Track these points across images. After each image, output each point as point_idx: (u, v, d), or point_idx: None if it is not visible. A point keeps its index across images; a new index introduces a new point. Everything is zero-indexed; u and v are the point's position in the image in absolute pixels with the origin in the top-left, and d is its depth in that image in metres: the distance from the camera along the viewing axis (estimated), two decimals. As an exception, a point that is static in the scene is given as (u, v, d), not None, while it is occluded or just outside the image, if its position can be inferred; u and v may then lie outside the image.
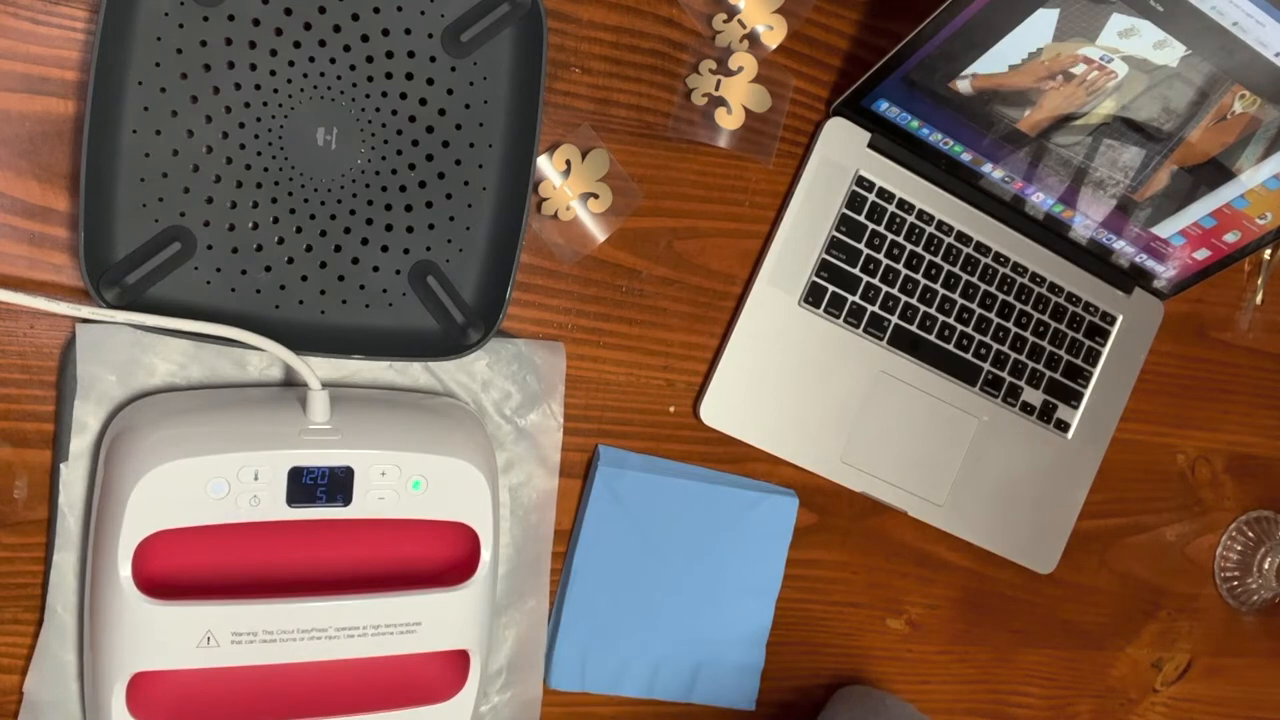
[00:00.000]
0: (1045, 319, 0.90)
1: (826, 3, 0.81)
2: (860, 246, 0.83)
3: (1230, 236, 0.88)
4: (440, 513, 0.68)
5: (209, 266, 0.67)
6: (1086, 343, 0.92)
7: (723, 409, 0.81)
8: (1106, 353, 0.93)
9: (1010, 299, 0.88)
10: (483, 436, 0.72)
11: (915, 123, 0.81)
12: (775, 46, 0.80)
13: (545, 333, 0.78)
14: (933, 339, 0.86)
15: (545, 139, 0.76)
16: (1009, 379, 0.89)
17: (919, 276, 0.85)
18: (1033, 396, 0.90)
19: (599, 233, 0.78)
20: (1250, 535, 1.03)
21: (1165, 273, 0.92)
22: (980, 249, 0.87)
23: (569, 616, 0.80)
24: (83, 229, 0.63)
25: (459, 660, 0.72)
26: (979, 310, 0.87)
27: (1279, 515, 1.04)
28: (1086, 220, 0.87)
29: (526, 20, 0.70)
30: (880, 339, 0.85)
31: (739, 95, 0.79)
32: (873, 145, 0.83)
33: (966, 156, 0.83)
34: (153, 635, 0.63)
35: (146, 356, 0.68)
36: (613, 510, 0.79)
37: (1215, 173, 0.83)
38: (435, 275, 0.71)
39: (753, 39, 0.79)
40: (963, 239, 0.86)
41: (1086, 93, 0.77)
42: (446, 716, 0.71)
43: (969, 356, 0.87)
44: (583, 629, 0.80)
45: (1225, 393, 1.01)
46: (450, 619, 0.70)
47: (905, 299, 0.85)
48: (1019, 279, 0.88)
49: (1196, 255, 0.90)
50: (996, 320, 0.88)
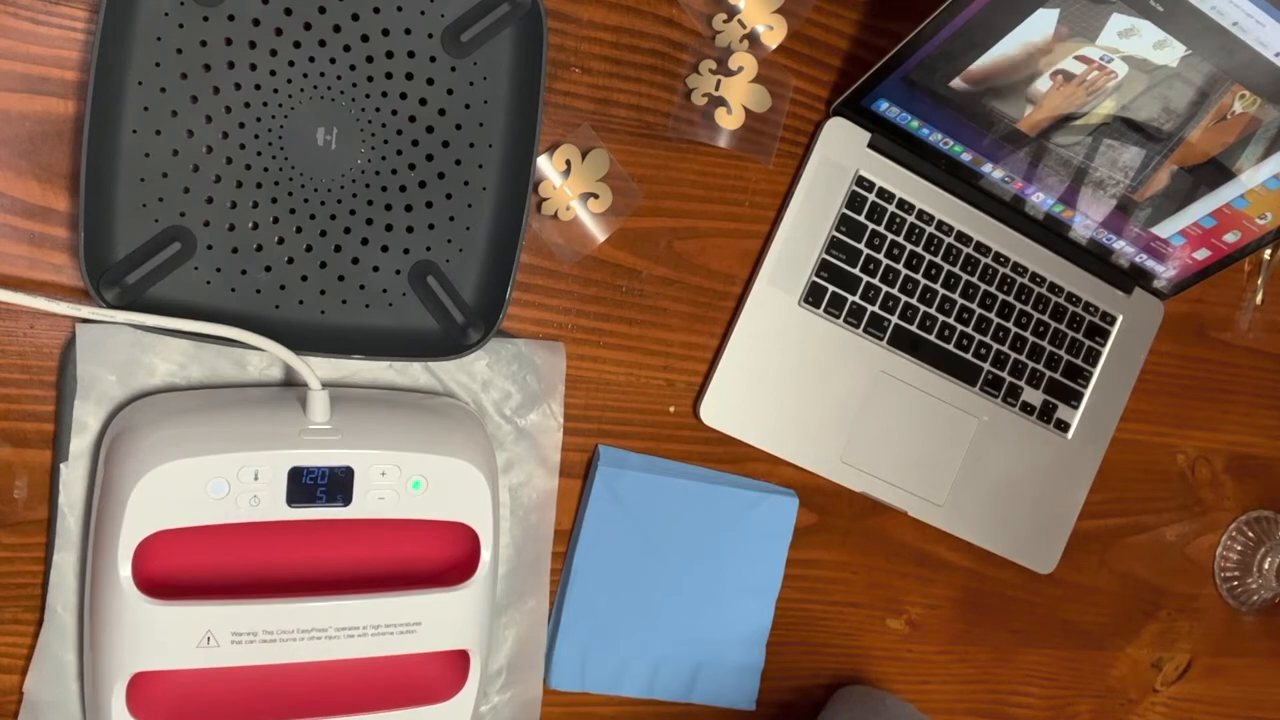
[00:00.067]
0: (1045, 319, 0.90)
1: (826, 3, 0.81)
2: (860, 246, 0.83)
3: (1230, 236, 0.88)
4: (440, 513, 0.68)
5: (209, 266, 0.67)
6: (1086, 343, 0.92)
7: (723, 409, 0.81)
8: (1106, 353, 0.93)
9: (1010, 299, 0.88)
10: (483, 436, 0.72)
11: (915, 123, 0.81)
12: (775, 46, 0.80)
13: (545, 333, 0.78)
14: (933, 339, 0.86)
15: (545, 139, 0.76)
16: (1009, 379, 0.89)
17: (919, 276, 0.85)
18: (1033, 396, 0.90)
19: (599, 233, 0.78)
20: (1250, 535, 1.03)
21: (1165, 273, 0.92)
22: (980, 249, 0.87)
23: (569, 616, 0.80)
24: (83, 229, 0.63)
25: (459, 660, 0.72)
26: (979, 310, 0.87)
27: (1279, 515, 1.04)
28: (1086, 220, 0.87)
29: (526, 20, 0.70)
30: (880, 339, 0.85)
31: (739, 95, 0.79)
32: (873, 145, 0.83)
33: (966, 156, 0.83)
34: (153, 635, 0.63)
35: (146, 356, 0.68)
36: (613, 510, 0.79)
37: (1215, 173, 0.83)
38: (435, 275, 0.71)
39: (753, 39, 0.79)
40: (963, 239, 0.86)
41: (1086, 93, 0.77)
42: (446, 716, 0.71)
43: (969, 356, 0.87)
44: (583, 629, 0.80)
45: (1225, 393, 1.01)
46: (450, 619, 0.70)
47: (905, 299, 0.85)
48: (1019, 279, 0.88)
49: (1196, 255, 0.90)
50: (996, 320, 0.88)
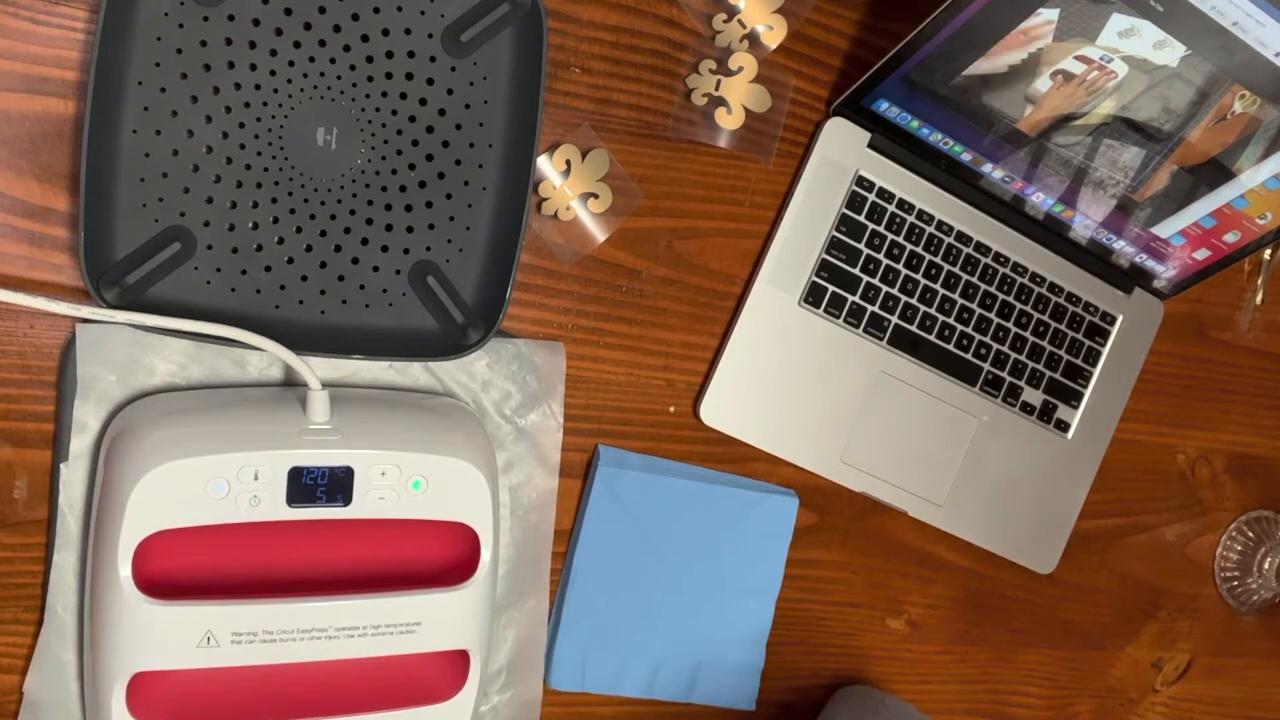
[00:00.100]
0: (1045, 319, 0.90)
1: (826, 3, 0.81)
2: (860, 246, 0.83)
3: (1230, 236, 0.88)
4: (440, 513, 0.68)
5: (209, 266, 0.67)
6: (1086, 343, 0.92)
7: (723, 409, 0.81)
8: (1106, 353, 0.93)
9: (1010, 299, 0.88)
10: (483, 436, 0.72)
11: (915, 123, 0.81)
12: (775, 46, 0.80)
13: (545, 333, 0.78)
14: (933, 339, 0.86)
15: (545, 139, 0.76)
16: (1009, 379, 0.89)
17: (919, 276, 0.85)
18: (1033, 396, 0.90)
19: (599, 233, 0.78)
20: (1250, 535, 1.03)
21: (1165, 273, 0.92)
22: (980, 249, 0.87)
23: (569, 616, 0.80)
24: (83, 229, 0.63)
25: (459, 660, 0.71)
26: (979, 310, 0.87)
27: (1279, 515, 1.04)
28: (1086, 220, 0.87)
29: (526, 20, 0.70)
30: (880, 339, 0.85)
31: (739, 95, 0.79)
32: (873, 145, 0.83)
33: (966, 156, 0.83)
34: (153, 635, 0.63)
35: (146, 356, 0.68)
36: (613, 510, 0.79)
37: (1215, 173, 0.83)
38: (435, 275, 0.71)
39: (753, 39, 0.79)
40: (963, 239, 0.86)
41: (1086, 93, 0.77)
42: (446, 716, 0.71)
43: (969, 356, 0.87)
44: (583, 629, 0.80)
45: (1225, 393, 1.01)
46: (450, 619, 0.70)
47: (905, 299, 0.85)
48: (1019, 279, 0.88)
49: (1196, 255, 0.90)
50: (996, 320, 0.88)
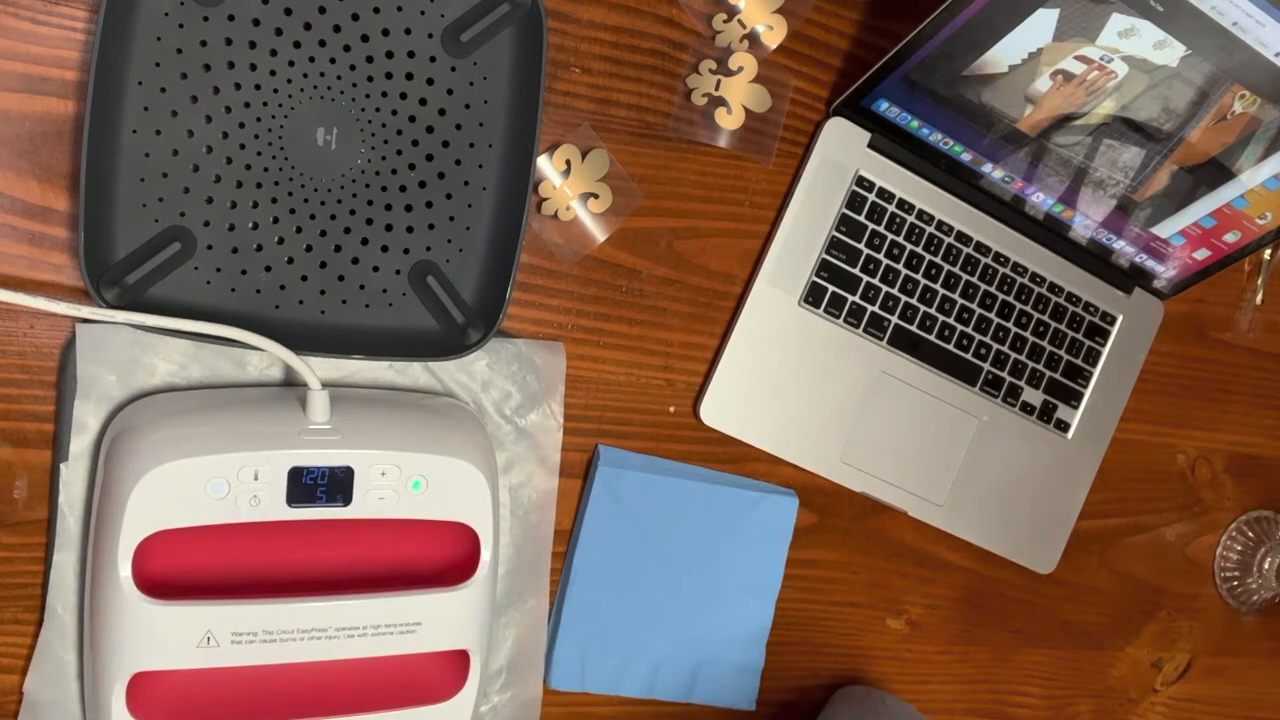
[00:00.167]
0: (1045, 319, 0.90)
1: (826, 3, 0.81)
2: (860, 246, 0.83)
3: (1230, 236, 0.88)
4: (440, 513, 0.68)
5: (209, 266, 0.67)
6: (1086, 343, 0.92)
7: (723, 409, 0.81)
8: (1106, 353, 0.93)
9: (1010, 299, 0.88)
10: (483, 436, 0.72)
11: (915, 123, 0.81)
12: (775, 46, 0.80)
13: (545, 333, 0.78)
14: (933, 339, 0.86)
15: (545, 139, 0.76)
16: (1009, 379, 0.89)
17: (919, 276, 0.85)
18: (1033, 396, 0.90)
19: (599, 233, 0.78)
20: (1250, 535, 1.03)
21: (1165, 273, 0.92)
22: (980, 249, 0.87)
23: (569, 616, 0.80)
24: (83, 229, 0.63)
25: (459, 660, 0.71)
26: (979, 310, 0.87)
27: (1279, 515, 1.04)
28: (1086, 220, 0.87)
29: (526, 20, 0.70)
30: (880, 339, 0.85)
31: (739, 95, 0.79)
32: (873, 145, 0.83)
33: (966, 156, 0.83)
34: (153, 635, 0.63)
35: (146, 356, 0.68)
36: (613, 510, 0.79)
37: (1215, 173, 0.83)
38: (435, 275, 0.71)
39: (753, 39, 0.79)
40: (963, 239, 0.86)
41: (1086, 93, 0.77)
42: (446, 716, 0.71)
43: (969, 356, 0.87)
44: (583, 629, 0.80)
45: (1225, 393, 1.01)
46: (450, 619, 0.70)
47: (905, 299, 0.85)
48: (1019, 279, 0.88)
49: (1196, 255, 0.90)
50: (996, 320, 0.88)
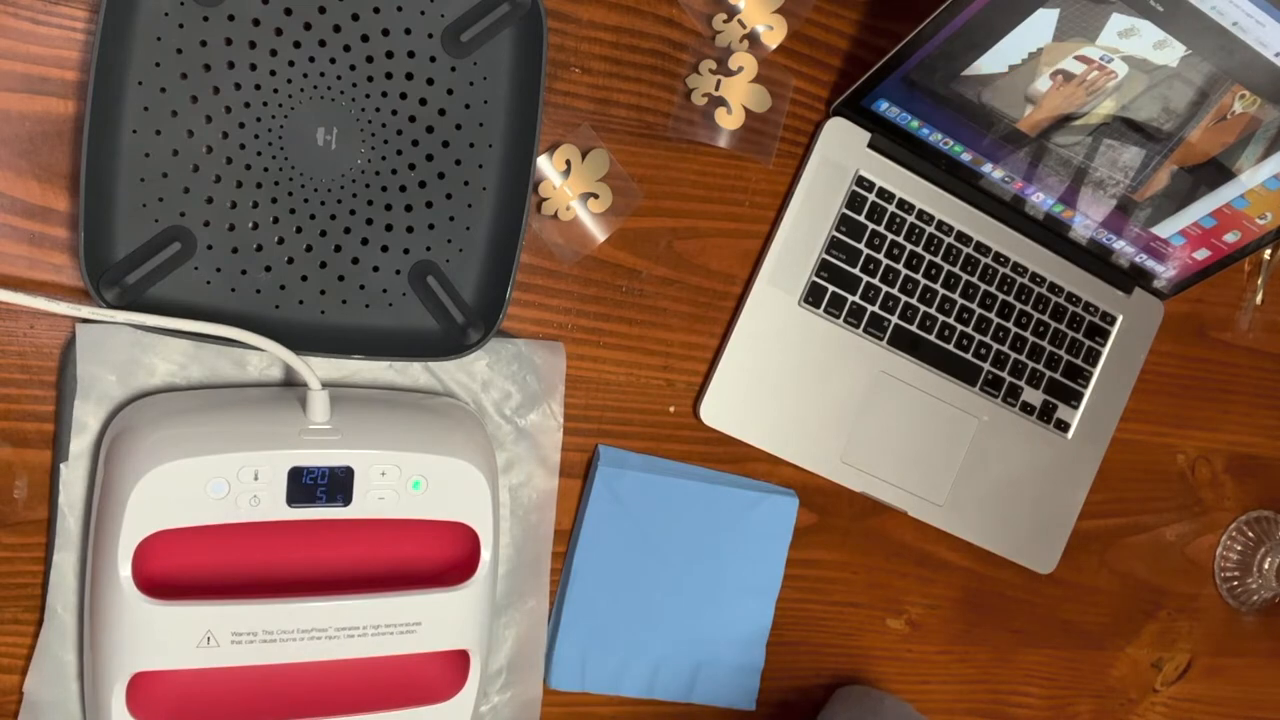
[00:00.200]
0: (1045, 319, 0.90)
1: (826, 3, 0.81)
2: (860, 246, 0.83)
3: (1230, 236, 0.88)
4: (440, 513, 0.68)
5: (209, 266, 0.67)
6: (1086, 343, 0.92)
7: (723, 409, 0.81)
8: (1106, 353, 0.93)
9: (1010, 299, 0.88)
10: (483, 436, 0.72)
11: (915, 123, 0.81)
12: (775, 46, 0.80)
13: (545, 333, 0.78)
14: (933, 339, 0.86)
15: (545, 139, 0.76)
16: (1009, 379, 0.89)
17: (919, 276, 0.85)
18: (1033, 396, 0.90)
19: (599, 233, 0.78)
20: (1250, 535, 1.03)
21: (1165, 273, 0.92)
22: (980, 249, 0.87)
23: (569, 616, 0.80)
24: (83, 229, 0.63)
25: (459, 660, 0.71)
26: (979, 310, 0.87)
27: (1279, 515, 1.04)
28: (1086, 220, 0.87)
29: (526, 20, 0.70)
30: (880, 339, 0.85)
31: (739, 95, 0.79)
32: (873, 145, 0.83)
33: (966, 156, 0.83)
34: (153, 635, 0.63)
35: (146, 356, 0.68)
36: (613, 510, 0.79)
37: (1215, 173, 0.83)
38: (435, 275, 0.71)
39: (753, 39, 0.79)
40: (963, 239, 0.86)
41: (1086, 93, 0.77)
42: (446, 716, 0.71)
43: (969, 356, 0.87)
44: (583, 629, 0.80)
45: (1225, 393, 1.01)
46: (450, 619, 0.70)
47: (905, 299, 0.85)
48: (1019, 279, 0.88)
49: (1196, 255, 0.90)
50: (996, 320, 0.88)
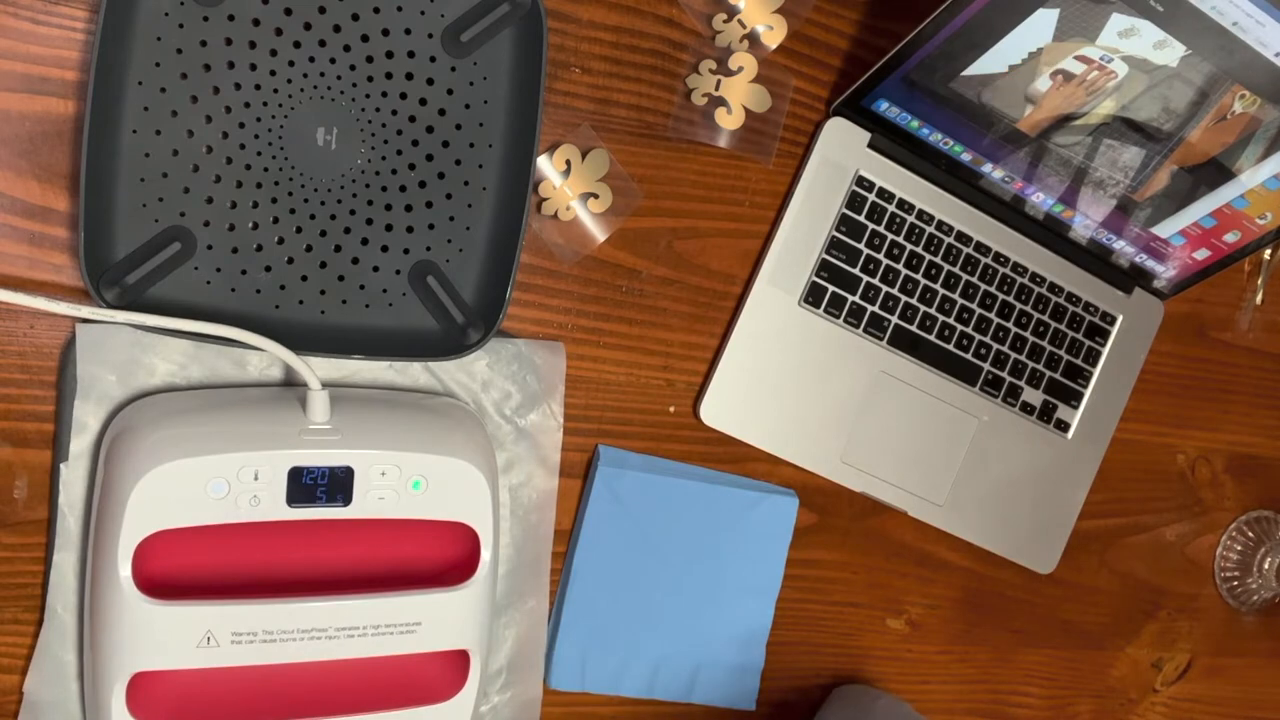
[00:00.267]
0: (1045, 319, 0.90)
1: (826, 3, 0.81)
2: (860, 246, 0.83)
3: (1230, 236, 0.88)
4: (440, 513, 0.68)
5: (209, 266, 0.67)
6: (1086, 343, 0.92)
7: (723, 409, 0.81)
8: (1106, 353, 0.93)
9: (1010, 299, 0.88)
10: (483, 436, 0.72)
11: (915, 123, 0.81)
12: (775, 46, 0.80)
13: (545, 333, 0.78)
14: (933, 339, 0.86)
15: (545, 139, 0.76)
16: (1009, 379, 0.89)
17: (919, 276, 0.85)
18: (1033, 396, 0.90)
19: (599, 233, 0.78)
20: (1250, 535, 1.03)
21: (1165, 273, 0.92)
22: (980, 249, 0.87)
23: (569, 616, 0.80)
24: (83, 229, 0.63)
25: (459, 660, 0.72)
26: (979, 310, 0.87)
27: (1279, 515, 1.04)
28: (1086, 220, 0.87)
29: (526, 20, 0.70)
30: (880, 339, 0.85)
31: (739, 95, 0.79)
32: (873, 145, 0.83)
33: (966, 156, 0.83)
34: (153, 635, 0.63)
35: (146, 356, 0.68)
36: (613, 510, 0.79)
37: (1215, 173, 0.83)
38: (435, 275, 0.71)
39: (753, 39, 0.79)
40: (963, 239, 0.86)
41: (1086, 93, 0.77)
42: (446, 716, 0.71)
43: (969, 356, 0.87)
44: (583, 629, 0.80)
45: (1225, 393, 1.01)
46: (450, 619, 0.70)
47: (905, 299, 0.85)
48: (1019, 279, 0.88)
49: (1196, 255, 0.90)
50: (996, 320, 0.88)
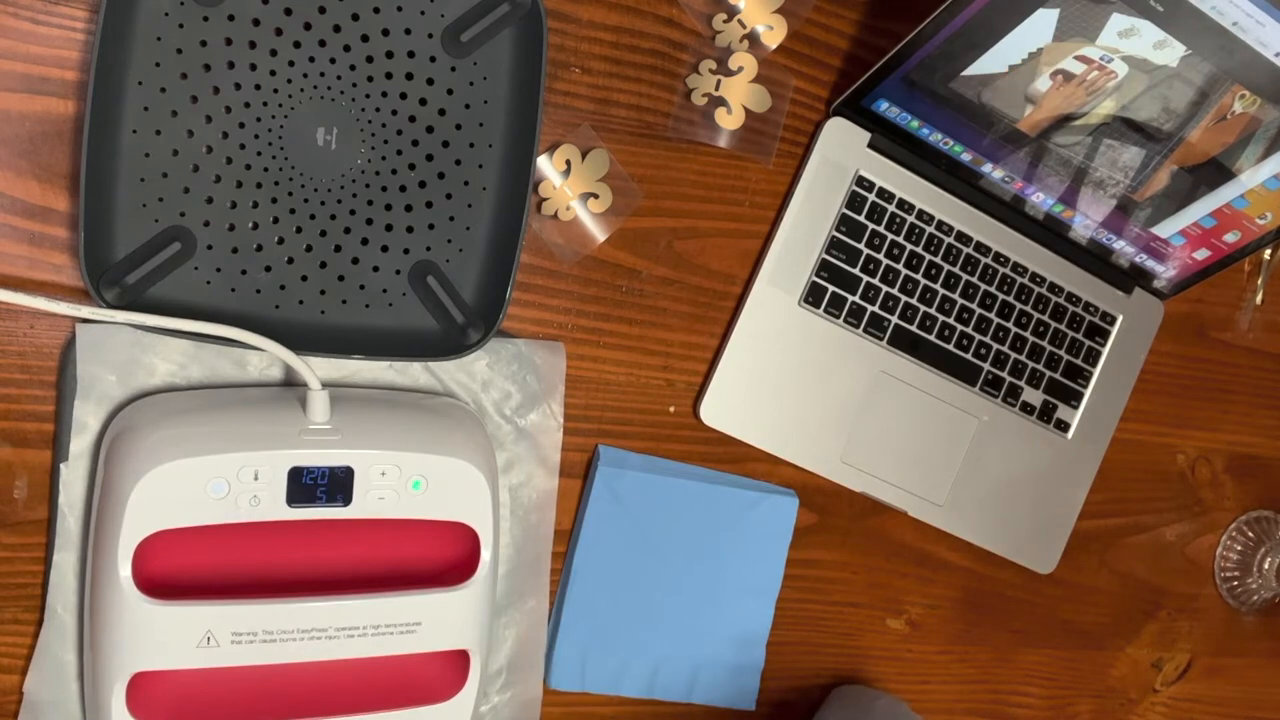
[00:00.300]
0: (1045, 319, 0.90)
1: (826, 3, 0.81)
2: (860, 246, 0.83)
3: (1230, 236, 0.88)
4: (440, 513, 0.68)
5: (209, 266, 0.67)
6: (1086, 343, 0.92)
7: (723, 409, 0.81)
8: (1106, 353, 0.93)
9: (1010, 299, 0.88)
10: (483, 436, 0.72)
11: (915, 123, 0.81)
12: (775, 46, 0.80)
13: (545, 333, 0.78)
14: (933, 339, 0.86)
15: (545, 139, 0.76)
16: (1009, 379, 0.89)
17: (919, 276, 0.85)
18: (1033, 396, 0.90)
19: (599, 233, 0.78)
20: (1250, 535, 1.03)
21: (1165, 273, 0.92)
22: (980, 249, 0.87)
23: (569, 616, 0.80)
24: (83, 229, 0.63)
25: (459, 660, 0.72)
26: (979, 310, 0.87)
27: (1279, 515, 1.04)
28: (1086, 220, 0.87)
29: (526, 20, 0.70)
30: (880, 339, 0.85)
31: (739, 95, 0.79)
32: (873, 145, 0.83)
33: (966, 156, 0.83)
34: (153, 635, 0.63)
35: (146, 356, 0.68)
36: (613, 510, 0.79)
37: (1215, 173, 0.83)
38: (435, 275, 0.71)
39: (753, 39, 0.79)
40: (963, 239, 0.86)
41: (1086, 93, 0.77)
42: (446, 716, 0.71)
43: (969, 356, 0.87)
44: (583, 629, 0.80)
45: (1225, 393, 1.01)
46: (450, 619, 0.70)
47: (905, 299, 0.85)
48: (1019, 279, 0.88)
49: (1196, 255, 0.90)
50: (996, 320, 0.88)
